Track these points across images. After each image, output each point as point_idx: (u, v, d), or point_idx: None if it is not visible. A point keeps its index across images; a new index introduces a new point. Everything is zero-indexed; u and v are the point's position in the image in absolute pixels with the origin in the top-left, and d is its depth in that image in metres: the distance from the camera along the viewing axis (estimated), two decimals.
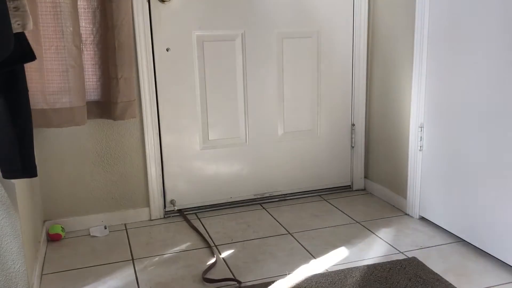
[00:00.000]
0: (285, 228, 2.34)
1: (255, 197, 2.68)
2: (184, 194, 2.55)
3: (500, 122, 1.86)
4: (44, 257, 2.10)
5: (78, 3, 2.11)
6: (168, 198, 2.53)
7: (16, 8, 1.33)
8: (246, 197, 2.66)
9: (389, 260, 1.98)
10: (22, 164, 1.40)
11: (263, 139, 2.63)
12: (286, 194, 2.74)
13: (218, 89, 2.49)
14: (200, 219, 2.49)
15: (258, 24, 2.49)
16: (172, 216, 2.53)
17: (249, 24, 2.48)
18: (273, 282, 1.84)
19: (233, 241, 2.21)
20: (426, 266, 1.91)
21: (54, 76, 2.06)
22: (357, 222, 2.40)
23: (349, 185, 2.85)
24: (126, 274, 1.94)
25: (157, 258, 2.07)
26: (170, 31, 2.35)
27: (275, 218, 2.46)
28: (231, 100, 2.52)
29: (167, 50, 2.34)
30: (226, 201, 2.63)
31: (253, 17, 2.47)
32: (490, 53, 1.87)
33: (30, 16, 1.45)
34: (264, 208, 2.62)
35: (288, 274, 1.90)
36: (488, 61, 1.88)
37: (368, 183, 2.82)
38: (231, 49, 2.47)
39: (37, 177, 2.21)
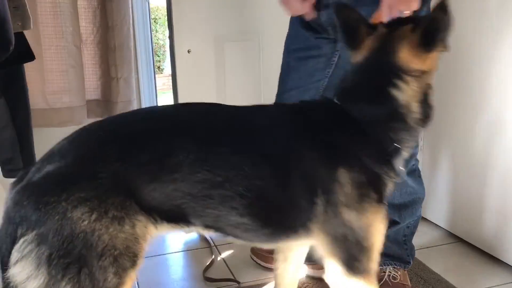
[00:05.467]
0: None
1: None
2: None
3: (502, 121, 1.86)
4: None
5: (78, 2, 2.11)
6: None
7: (16, 8, 1.33)
8: None
9: None
10: (23, 163, 1.41)
11: None
12: None
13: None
14: None
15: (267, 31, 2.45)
16: None
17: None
18: (271, 282, 1.84)
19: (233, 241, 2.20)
20: (426, 266, 1.91)
21: (54, 76, 2.06)
22: None
23: None
24: None
25: (157, 258, 2.07)
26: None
27: None
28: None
29: (188, 51, 2.26)
30: None
31: (269, 22, 2.41)
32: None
33: (30, 16, 1.45)
34: None
35: None
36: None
37: None
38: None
39: None
